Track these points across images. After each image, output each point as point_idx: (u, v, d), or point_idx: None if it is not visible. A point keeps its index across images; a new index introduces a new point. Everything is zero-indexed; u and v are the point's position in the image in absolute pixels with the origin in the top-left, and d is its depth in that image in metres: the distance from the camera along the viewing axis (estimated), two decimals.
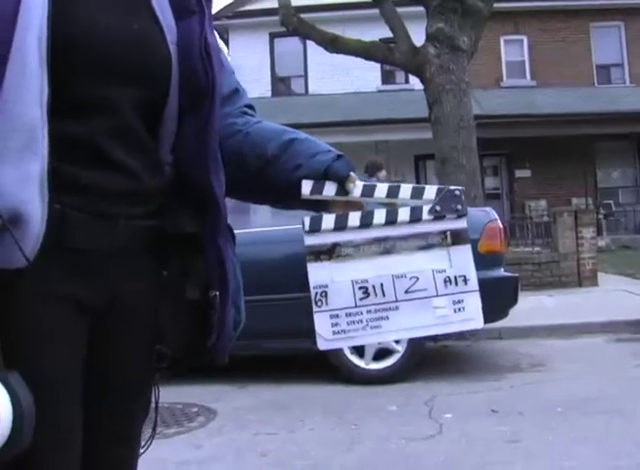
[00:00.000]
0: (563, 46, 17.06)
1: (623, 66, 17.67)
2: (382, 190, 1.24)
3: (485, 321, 4.65)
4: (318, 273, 1.21)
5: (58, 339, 1.00)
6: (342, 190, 1.21)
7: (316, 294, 1.21)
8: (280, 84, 17.89)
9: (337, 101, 16.04)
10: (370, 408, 4.13)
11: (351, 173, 1.22)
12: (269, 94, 17.48)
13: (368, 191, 1.23)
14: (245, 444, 3.55)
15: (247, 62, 17.11)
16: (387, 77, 17.60)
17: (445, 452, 3.33)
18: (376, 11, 11.18)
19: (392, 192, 1.24)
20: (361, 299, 1.21)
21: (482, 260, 4.77)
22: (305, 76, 17.56)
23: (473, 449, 3.35)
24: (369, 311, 1.21)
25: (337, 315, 1.21)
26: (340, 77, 16.40)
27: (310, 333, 4.73)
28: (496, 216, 4.95)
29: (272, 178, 1.23)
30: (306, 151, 1.23)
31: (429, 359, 5.29)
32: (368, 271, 1.22)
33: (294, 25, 11.27)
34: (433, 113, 10.44)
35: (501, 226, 4.94)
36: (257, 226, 5.40)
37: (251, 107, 1.30)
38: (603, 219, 15.99)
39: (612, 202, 16.46)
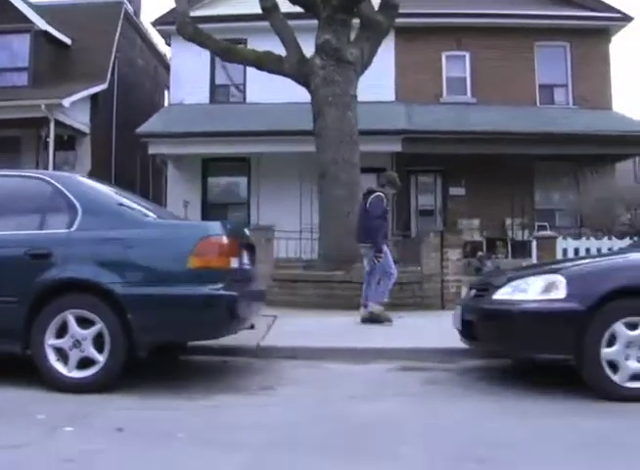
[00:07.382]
0: (506, 64, 16.72)
1: (567, 86, 17.29)
2: None
3: (192, 338, 4.43)
4: None
5: None
6: None
7: None
8: (218, 92, 17.82)
9: (272, 110, 15.97)
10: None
11: None
12: (207, 101, 17.47)
13: None
14: None
15: (187, 68, 17.19)
16: None
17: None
18: None
19: None
20: None
21: (190, 275, 4.64)
22: (244, 85, 17.48)
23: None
24: None
25: None
26: (277, 87, 16.27)
27: (18, 336, 4.47)
28: (217, 231, 4.78)
29: None
30: None
31: (155, 372, 5.16)
32: None
33: (189, 34, 11.21)
34: (316, 124, 10.30)
35: (222, 242, 4.76)
36: None
37: None
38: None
39: (547, 224, 16.16)
